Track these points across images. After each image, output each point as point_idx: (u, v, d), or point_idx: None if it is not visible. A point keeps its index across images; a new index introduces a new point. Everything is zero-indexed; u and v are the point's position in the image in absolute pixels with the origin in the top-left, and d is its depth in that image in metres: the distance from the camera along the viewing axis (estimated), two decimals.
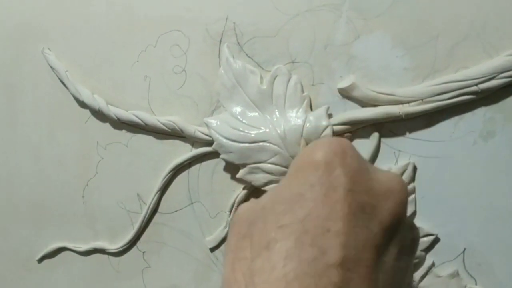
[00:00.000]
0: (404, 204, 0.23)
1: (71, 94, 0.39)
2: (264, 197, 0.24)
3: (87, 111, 0.39)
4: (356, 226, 0.20)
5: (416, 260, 0.31)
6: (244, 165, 0.34)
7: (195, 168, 0.37)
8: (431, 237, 0.31)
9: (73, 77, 0.39)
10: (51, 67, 0.39)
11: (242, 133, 0.33)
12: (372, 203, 0.21)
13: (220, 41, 0.35)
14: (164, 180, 0.37)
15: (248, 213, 0.23)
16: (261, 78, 0.34)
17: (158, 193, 0.37)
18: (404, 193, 0.23)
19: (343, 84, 0.32)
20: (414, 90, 0.30)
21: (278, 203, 0.22)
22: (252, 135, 0.33)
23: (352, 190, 0.21)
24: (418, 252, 0.31)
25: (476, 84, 0.29)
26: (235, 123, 0.34)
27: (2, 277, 0.44)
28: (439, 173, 0.31)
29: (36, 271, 0.42)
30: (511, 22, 0.29)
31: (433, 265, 0.31)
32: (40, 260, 0.42)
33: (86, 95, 0.38)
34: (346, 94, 0.32)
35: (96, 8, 0.38)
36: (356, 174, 0.22)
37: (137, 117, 0.37)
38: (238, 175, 0.34)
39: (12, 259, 0.43)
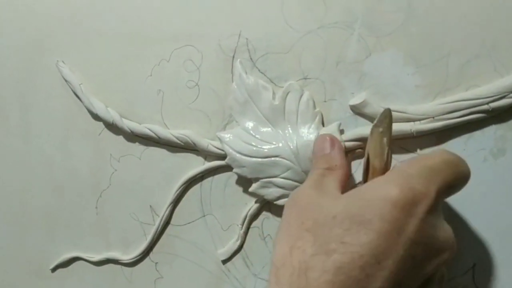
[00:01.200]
0: (445, 263, 0.25)
1: (85, 106, 0.40)
2: (337, 205, 0.26)
3: (100, 124, 0.40)
4: (403, 270, 0.23)
5: None
6: (256, 179, 0.34)
7: (207, 181, 0.37)
8: None
9: (87, 90, 0.39)
10: (65, 80, 0.40)
11: (255, 148, 0.34)
12: (424, 255, 0.24)
13: (233, 57, 0.35)
14: (177, 192, 0.37)
15: (315, 209, 0.26)
16: (274, 93, 0.34)
17: (171, 205, 0.38)
18: (452, 252, 0.25)
19: (355, 101, 0.32)
20: (425, 108, 0.31)
21: (347, 219, 0.24)
22: (265, 150, 0.33)
23: (415, 242, 0.24)
24: None
25: (487, 103, 0.30)
26: (248, 138, 0.34)
27: (15, 286, 0.44)
28: None
29: (49, 280, 0.43)
30: None
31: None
32: (54, 269, 0.43)
33: (100, 108, 0.39)
34: (357, 110, 0.33)
35: (110, 22, 0.38)
36: (424, 228, 0.24)
37: (150, 130, 0.37)
38: (250, 189, 0.34)
39: (25, 268, 0.44)
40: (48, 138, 0.42)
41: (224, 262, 0.37)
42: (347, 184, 0.30)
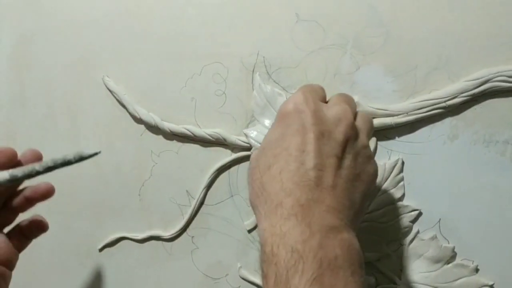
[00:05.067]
0: (349, 126, 0.34)
1: (129, 112, 0.48)
2: (262, 143, 0.36)
3: (142, 126, 0.49)
4: (320, 145, 0.32)
5: (406, 229, 0.43)
6: None
7: (234, 168, 0.47)
8: (416, 212, 0.43)
9: (131, 99, 0.48)
10: (110, 91, 0.49)
11: None
12: (328, 129, 0.33)
13: (253, 71, 0.45)
14: (210, 178, 0.47)
15: (256, 154, 0.36)
16: (287, 98, 0.44)
17: (205, 189, 0.47)
18: (348, 118, 0.34)
19: None
20: (401, 106, 0.42)
21: (270, 142, 0.34)
22: None
23: (314, 123, 0.33)
24: (407, 223, 0.43)
25: (444, 102, 0.41)
26: None
27: (66, 265, 0.52)
28: (420, 165, 0.43)
29: (97, 258, 0.51)
30: (467, 57, 0.41)
31: (418, 232, 0.43)
32: (101, 249, 0.51)
33: (143, 113, 0.48)
34: None
35: (149, 43, 0.47)
36: (316, 113, 0.33)
37: (187, 129, 0.47)
38: None
39: (75, 251, 0.52)
40: (95, 139, 0.50)
41: (250, 231, 0.47)
42: None
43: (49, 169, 0.37)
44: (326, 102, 0.38)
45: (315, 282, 0.27)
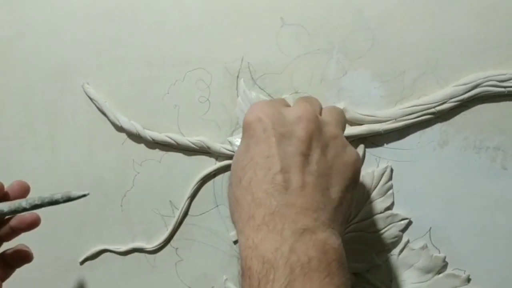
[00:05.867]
0: (310, 120, 0.33)
1: (110, 120, 0.47)
2: (233, 158, 0.35)
3: (123, 135, 0.47)
4: (283, 147, 0.31)
5: (395, 239, 0.42)
6: None
7: (219, 177, 0.46)
8: (406, 221, 0.41)
9: (112, 107, 0.47)
10: (91, 98, 0.47)
11: None
12: (289, 129, 0.32)
13: (237, 77, 0.44)
14: (194, 188, 0.46)
15: (231, 170, 0.35)
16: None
17: (189, 199, 0.46)
18: (308, 114, 0.33)
19: None
20: (389, 112, 0.41)
21: (238, 156, 0.34)
22: None
23: (274, 127, 0.32)
24: (397, 232, 0.41)
25: (434, 107, 0.40)
26: None
27: (46, 279, 0.51)
28: (410, 173, 0.41)
29: (78, 271, 0.50)
30: (456, 62, 0.40)
31: (408, 241, 0.42)
32: (82, 262, 0.49)
33: (124, 121, 0.46)
34: None
35: (131, 49, 0.46)
36: (274, 117, 0.33)
37: (170, 138, 0.45)
38: None
39: (55, 263, 0.50)
40: (75, 149, 0.49)
41: (235, 242, 0.46)
42: None
43: (35, 206, 0.38)
44: None
45: None
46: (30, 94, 0.49)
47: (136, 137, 0.46)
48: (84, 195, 0.37)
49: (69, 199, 0.37)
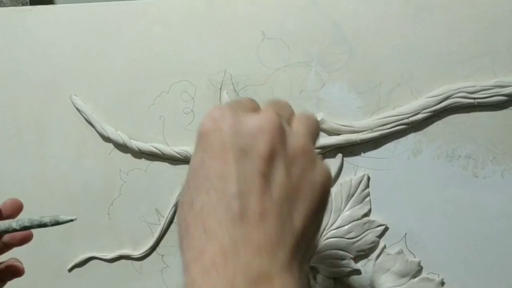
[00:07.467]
0: (274, 132, 0.27)
1: (97, 131, 0.48)
2: (187, 173, 0.29)
3: (110, 145, 0.48)
4: (242, 165, 0.26)
5: (373, 244, 0.43)
6: None
7: None
8: (382, 227, 0.43)
9: (99, 118, 0.48)
10: (78, 110, 0.49)
11: None
12: (249, 142, 0.26)
13: (220, 88, 0.46)
14: (179, 196, 0.47)
15: (183, 188, 0.29)
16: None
17: (174, 207, 0.47)
18: (272, 125, 0.27)
19: None
20: (365, 123, 0.43)
21: (191, 172, 0.27)
22: None
23: (232, 141, 0.26)
24: (374, 238, 0.43)
25: (408, 118, 0.42)
26: None
27: (35, 286, 0.52)
28: (386, 181, 0.43)
29: (67, 279, 0.51)
30: (429, 74, 0.42)
31: (384, 247, 0.43)
32: (70, 269, 0.50)
33: (111, 132, 0.48)
34: None
35: (117, 61, 0.47)
36: (234, 126, 0.26)
37: (155, 148, 0.47)
38: None
39: (44, 271, 0.51)
40: (63, 158, 0.50)
41: None
42: None
43: (25, 228, 0.39)
44: None
45: None
46: (19, 105, 0.50)
47: (123, 147, 0.48)
48: (71, 220, 0.39)
49: (57, 223, 0.39)
